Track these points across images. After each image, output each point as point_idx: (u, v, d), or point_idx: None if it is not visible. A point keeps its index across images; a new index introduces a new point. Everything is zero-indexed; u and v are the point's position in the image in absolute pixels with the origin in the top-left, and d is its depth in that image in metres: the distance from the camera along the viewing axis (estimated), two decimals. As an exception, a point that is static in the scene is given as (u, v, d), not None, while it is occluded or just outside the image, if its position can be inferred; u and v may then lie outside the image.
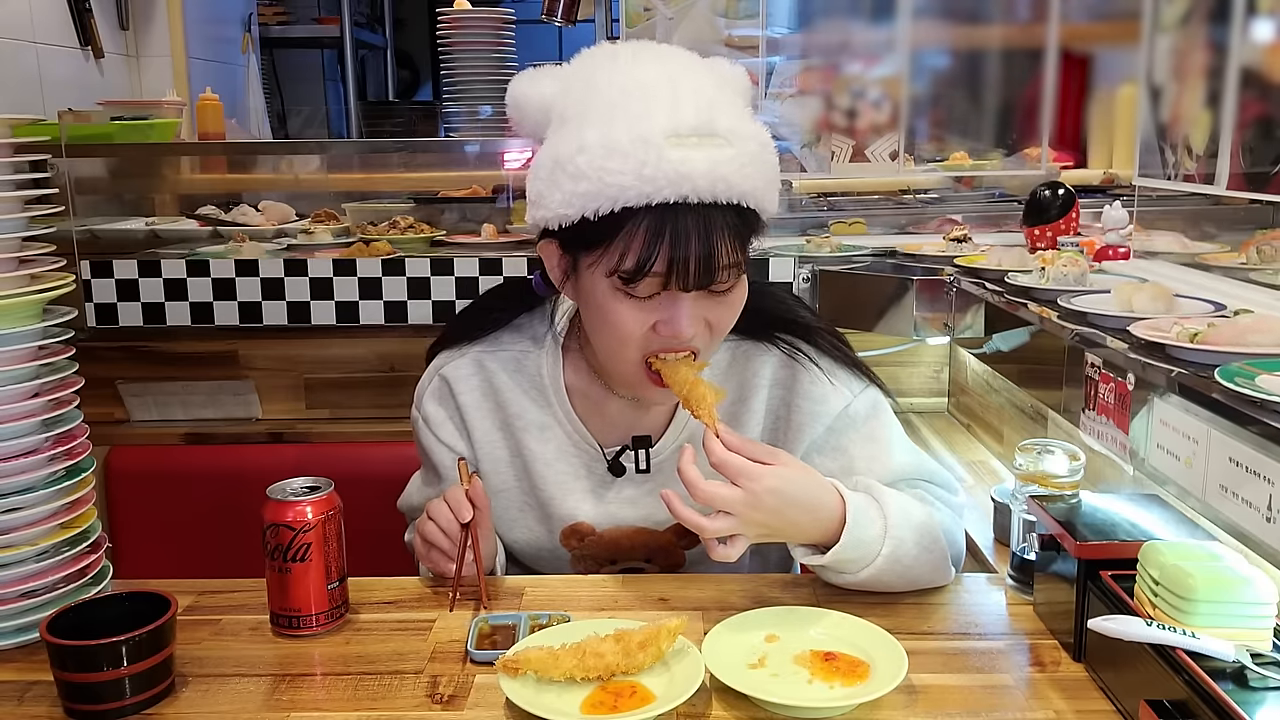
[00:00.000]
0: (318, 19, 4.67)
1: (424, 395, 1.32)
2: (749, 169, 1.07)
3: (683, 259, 1.05)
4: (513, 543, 1.32)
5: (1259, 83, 1.52)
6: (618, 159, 1.03)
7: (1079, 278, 1.70)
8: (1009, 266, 1.90)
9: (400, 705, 0.97)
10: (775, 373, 1.28)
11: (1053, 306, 1.59)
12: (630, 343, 1.12)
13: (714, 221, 1.05)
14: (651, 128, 1.03)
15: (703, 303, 1.11)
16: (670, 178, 1.02)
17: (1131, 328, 1.34)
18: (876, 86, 2.64)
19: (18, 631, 1.07)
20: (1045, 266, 1.74)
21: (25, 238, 1.10)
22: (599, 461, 1.29)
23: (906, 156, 2.65)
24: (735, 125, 1.07)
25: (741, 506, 1.04)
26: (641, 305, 1.10)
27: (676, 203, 1.04)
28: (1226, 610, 0.86)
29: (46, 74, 2.64)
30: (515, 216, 2.41)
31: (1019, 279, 1.78)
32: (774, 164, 1.12)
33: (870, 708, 0.94)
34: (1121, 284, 1.53)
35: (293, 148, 3.03)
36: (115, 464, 1.95)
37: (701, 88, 1.09)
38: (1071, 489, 1.16)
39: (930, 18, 2.68)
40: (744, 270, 1.12)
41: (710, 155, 1.04)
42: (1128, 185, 2.37)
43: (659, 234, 1.04)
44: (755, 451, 1.07)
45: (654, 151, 1.02)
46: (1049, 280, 1.71)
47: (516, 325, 1.32)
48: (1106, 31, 2.71)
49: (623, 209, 1.04)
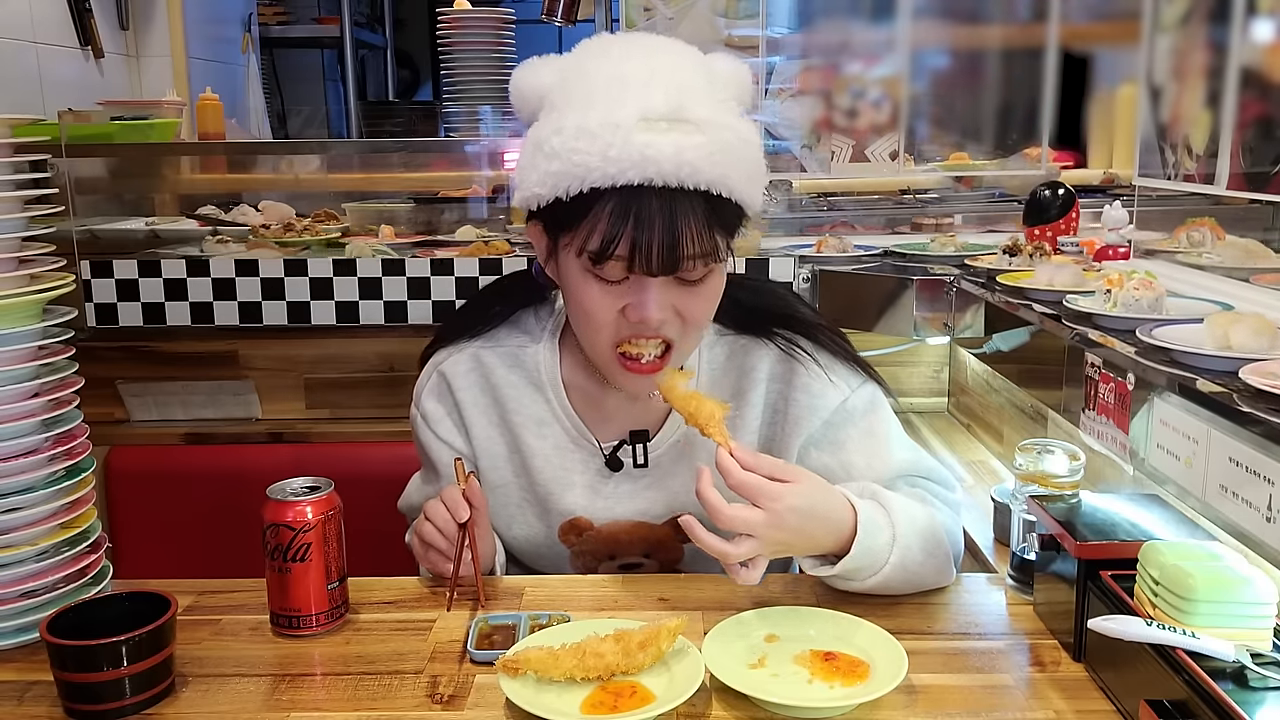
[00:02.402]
0: (318, 19, 4.67)
1: (422, 392, 1.32)
2: (719, 157, 1.07)
3: (646, 242, 1.05)
4: (512, 540, 1.32)
5: (1259, 83, 1.52)
6: (585, 140, 1.05)
7: (1153, 303, 1.44)
8: (1063, 286, 1.66)
9: (400, 705, 0.97)
10: (773, 368, 1.28)
11: (1125, 338, 1.35)
12: (602, 328, 1.14)
13: (680, 207, 1.06)
14: (623, 112, 1.05)
15: (672, 290, 1.11)
16: (634, 160, 1.04)
17: (1243, 373, 1.11)
18: (876, 86, 2.64)
19: (18, 631, 1.07)
20: (1112, 289, 1.47)
21: (25, 238, 1.10)
22: (596, 456, 1.29)
23: (906, 156, 2.65)
24: (710, 115, 1.08)
25: (764, 528, 1.03)
26: (611, 289, 1.11)
27: (643, 185, 1.05)
28: (1226, 610, 0.86)
29: (46, 74, 2.64)
30: (515, 216, 2.41)
31: (1078, 303, 1.53)
32: (753, 157, 1.13)
33: (870, 708, 0.94)
34: (1215, 314, 1.29)
35: (293, 148, 3.03)
36: (115, 464, 1.95)
37: (681, 77, 1.10)
38: (1071, 489, 1.16)
39: (930, 18, 2.68)
40: (718, 260, 1.12)
41: (677, 140, 1.05)
42: (1128, 185, 2.37)
43: (624, 216, 1.05)
44: (770, 468, 1.06)
45: (621, 134, 1.04)
46: (1117, 306, 1.45)
47: (514, 321, 1.33)
48: (1106, 31, 2.71)
49: (591, 189, 1.06)
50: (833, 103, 2.63)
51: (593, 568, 1.31)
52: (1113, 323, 1.43)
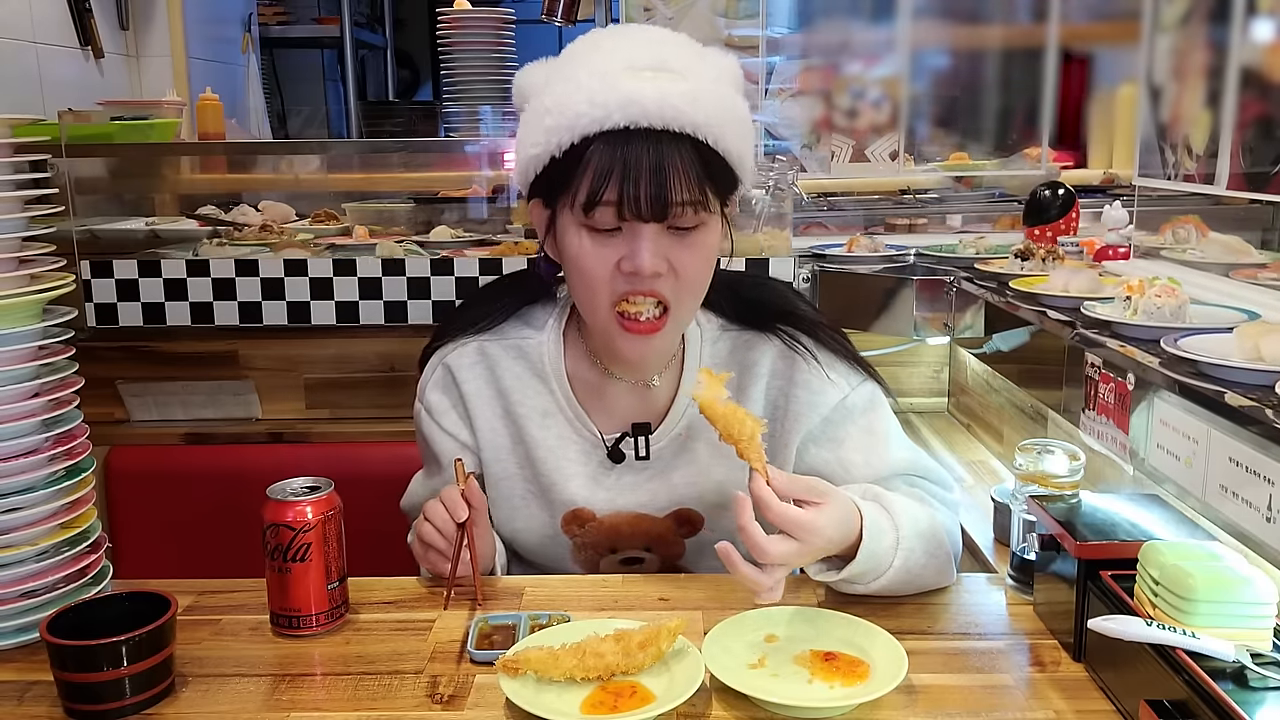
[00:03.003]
0: (318, 19, 4.67)
1: (427, 386, 1.33)
2: (703, 101, 1.10)
3: (634, 185, 1.08)
4: (515, 532, 1.32)
5: (1259, 83, 1.52)
6: (574, 89, 1.11)
7: (1176, 311, 1.37)
8: (1079, 293, 1.60)
9: (400, 705, 0.97)
10: (774, 364, 1.29)
11: (1148, 349, 1.28)
12: (599, 286, 1.15)
13: (667, 150, 1.09)
14: (610, 64, 1.11)
15: (664, 240, 1.13)
16: (620, 102, 1.08)
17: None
18: (876, 86, 2.64)
19: (18, 631, 1.07)
20: (1132, 296, 1.41)
21: (25, 238, 1.10)
22: (599, 448, 1.29)
23: (906, 156, 2.65)
24: (694, 67, 1.13)
25: (799, 558, 1.04)
26: (606, 243, 1.13)
27: (630, 130, 1.08)
28: (1226, 610, 0.86)
29: (46, 74, 2.64)
30: (515, 216, 2.41)
31: (1097, 310, 1.46)
32: (737, 109, 1.16)
33: (870, 708, 0.94)
34: (1245, 325, 1.23)
35: (293, 148, 3.02)
36: (115, 464, 1.95)
37: (668, 41, 1.16)
38: (1071, 489, 1.17)
39: (930, 18, 2.68)
40: (708, 210, 1.14)
41: (662, 86, 1.09)
42: (1128, 185, 2.37)
43: (612, 161, 1.09)
44: (804, 490, 1.04)
45: (608, 81, 1.10)
46: (1137, 314, 1.39)
47: (519, 314, 1.34)
48: (1106, 31, 2.71)
49: (582, 140, 1.10)
50: (833, 103, 2.63)
51: (594, 561, 1.31)
52: (1134, 331, 1.37)
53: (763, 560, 1.00)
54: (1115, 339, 1.35)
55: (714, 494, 1.28)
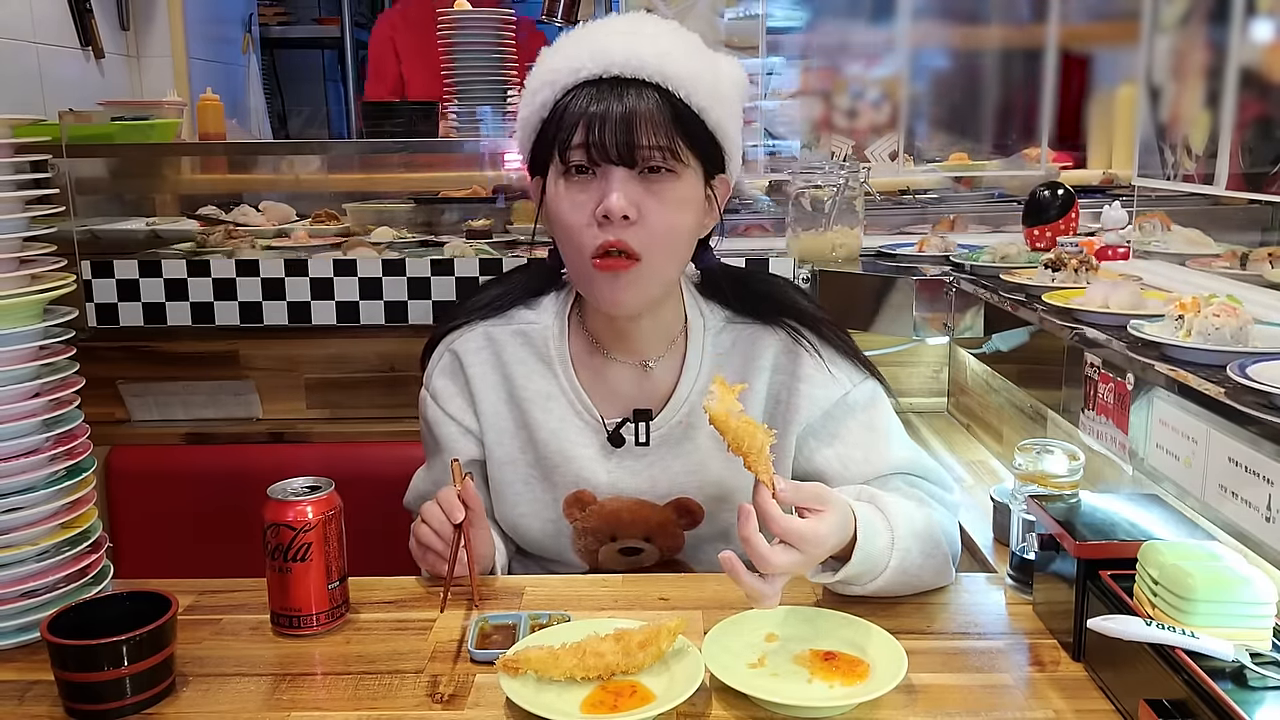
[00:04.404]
0: (318, 19, 4.68)
1: (433, 372, 1.34)
2: (673, 55, 1.16)
3: (601, 124, 1.14)
4: (518, 519, 1.32)
5: (1259, 83, 1.53)
6: (555, 55, 1.20)
7: (1237, 333, 1.19)
8: (1120, 309, 1.41)
9: (400, 705, 0.97)
10: (777, 358, 1.30)
11: (1206, 373, 1.13)
12: (578, 236, 1.18)
13: (635, 93, 1.15)
14: (589, 31, 1.20)
15: (635, 186, 1.16)
16: (591, 53, 1.16)
17: None
18: (876, 86, 2.64)
19: (18, 631, 1.07)
20: (1185, 315, 1.23)
21: (26, 238, 1.10)
22: (600, 432, 1.30)
23: (906, 156, 2.65)
24: (668, 29, 1.20)
25: (802, 568, 1.03)
26: (582, 190, 1.17)
27: (603, 79, 1.16)
28: (1226, 610, 0.86)
29: (47, 74, 2.64)
30: (515, 216, 2.41)
31: (1144, 329, 1.27)
32: (719, 82, 1.20)
33: (870, 707, 0.94)
34: None
35: (293, 148, 3.02)
36: (116, 464, 1.95)
37: (679, 33, 1.22)
38: (1071, 489, 1.17)
39: (930, 18, 2.68)
40: (679, 161, 1.17)
41: (631, 40, 1.17)
42: (1127, 185, 2.37)
43: (584, 103, 1.15)
44: (809, 498, 1.04)
45: (585, 41, 1.18)
46: (1191, 335, 1.21)
47: (524, 301, 1.36)
48: (1106, 31, 2.71)
49: (563, 95, 1.17)
50: (833, 103, 2.63)
51: (594, 550, 1.32)
52: (1190, 355, 1.18)
53: (765, 571, 1.00)
54: (1165, 362, 1.19)
55: (714, 485, 1.28)
